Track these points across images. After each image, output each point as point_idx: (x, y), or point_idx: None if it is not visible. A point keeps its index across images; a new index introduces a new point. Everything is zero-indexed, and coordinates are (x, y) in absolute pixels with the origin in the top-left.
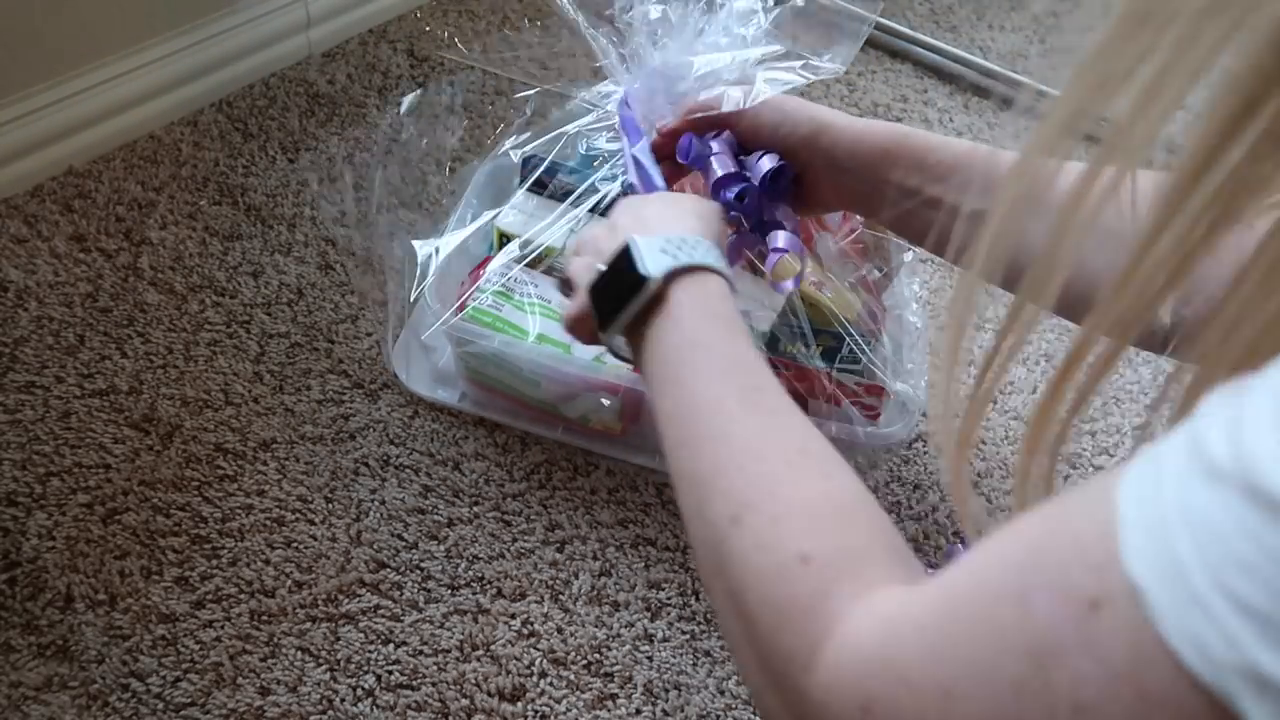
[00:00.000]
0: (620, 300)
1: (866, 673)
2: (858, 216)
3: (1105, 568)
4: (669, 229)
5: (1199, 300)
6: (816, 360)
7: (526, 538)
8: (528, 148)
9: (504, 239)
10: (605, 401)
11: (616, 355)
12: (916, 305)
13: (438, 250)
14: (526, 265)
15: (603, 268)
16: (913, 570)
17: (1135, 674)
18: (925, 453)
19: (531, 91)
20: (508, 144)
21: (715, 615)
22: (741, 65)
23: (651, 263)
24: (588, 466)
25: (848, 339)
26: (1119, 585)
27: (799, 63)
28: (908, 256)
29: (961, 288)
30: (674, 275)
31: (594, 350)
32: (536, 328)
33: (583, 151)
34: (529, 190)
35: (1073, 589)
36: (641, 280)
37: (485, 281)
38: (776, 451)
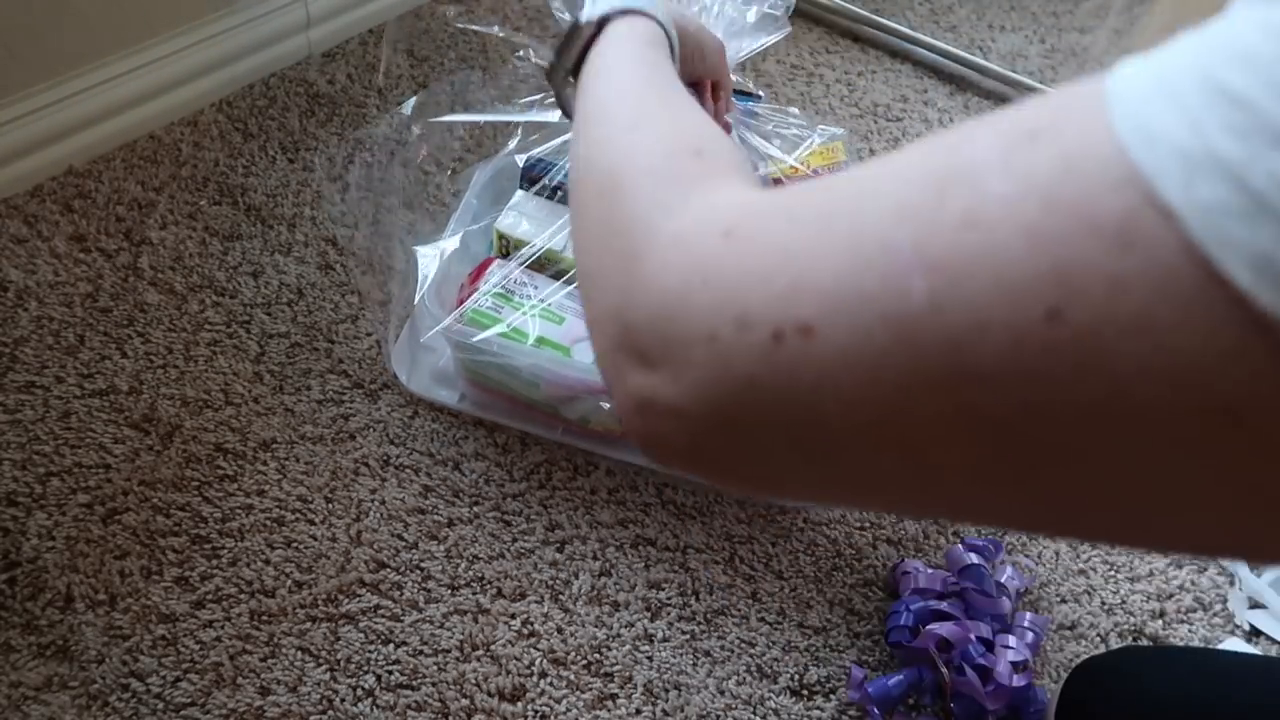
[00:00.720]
0: (564, 52)
1: (743, 207)
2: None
3: (1062, 106)
4: None
5: None
6: None
7: (526, 538)
8: (533, 152)
9: (504, 241)
10: (605, 405)
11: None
12: None
13: (442, 253)
14: (530, 268)
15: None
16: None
17: (1049, 186)
18: None
19: (535, 98)
20: (511, 145)
21: (572, 231)
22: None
23: (592, 6)
24: (588, 466)
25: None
26: (1078, 108)
27: None
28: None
29: None
30: (610, 18)
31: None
32: (536, 330)
33: None
34: (529, 192)
35: (1016, 125)
36: (584, 25)
37: (485, 285)
38: (683, 105)
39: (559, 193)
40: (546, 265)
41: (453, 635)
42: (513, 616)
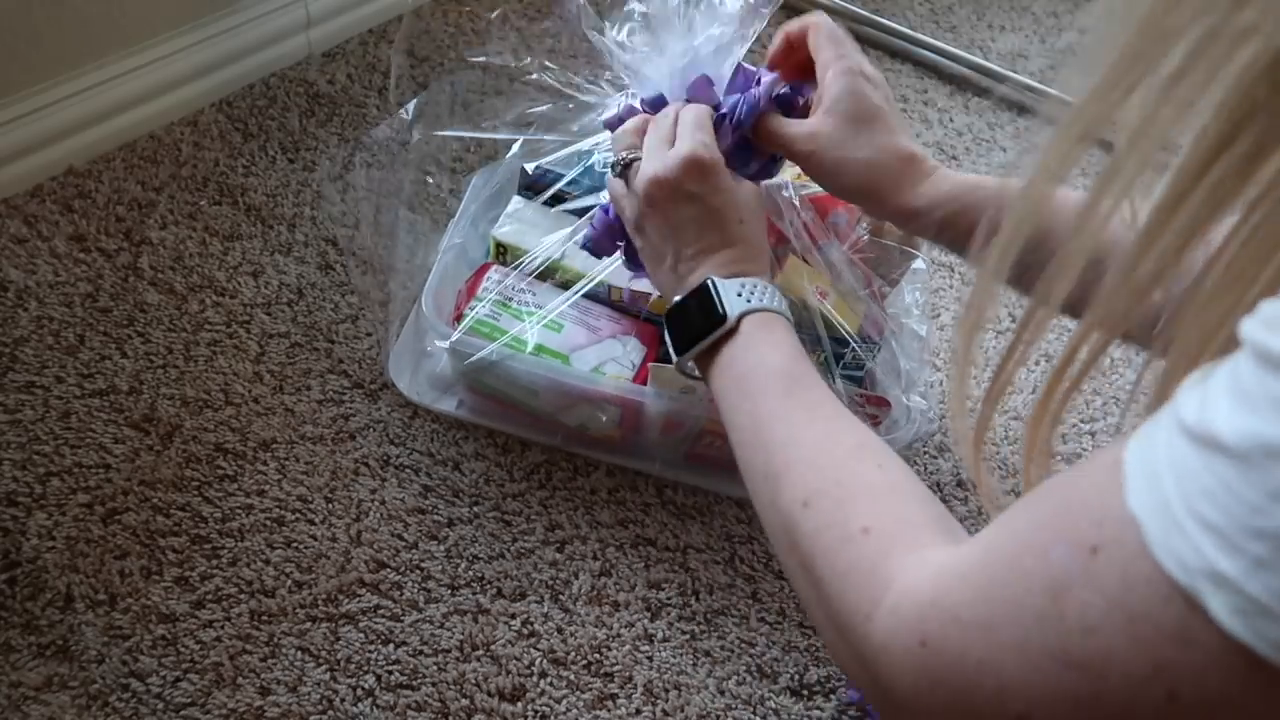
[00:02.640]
0: (696, 330)
1: (921, 615)
2: (861, 224)
3: (1105, 519)
4: (740, 270)
5: (1173, 299)
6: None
7: (526, 538)
8: (534, 162)
9: (500, 249)
10: (604, 417)
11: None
12: (919, 312)
13: (440, 258)
14: (537, 278)
15: (679, 299)
16: (957, 535)
17: (1124, 597)
18: (926, 453)
19: (541, 108)
20: (511, 151)
21: (791, 587)
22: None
23: (729, 304)
24: (587, 467)
25: (852, 346)
26: (1119, 522)
27: None
28: (917, 264)
29: (976, 294)
30: (746, 315)
31: (591, 361)
32: (535, 338)
33: (597, 168)
34: (528, 199)
35: (1079, 538)
36: (720, 318)
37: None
38: (838, 449)
39: (558, 202)
40: (546, 275)
41: (453, 635)
42: (513, 616)
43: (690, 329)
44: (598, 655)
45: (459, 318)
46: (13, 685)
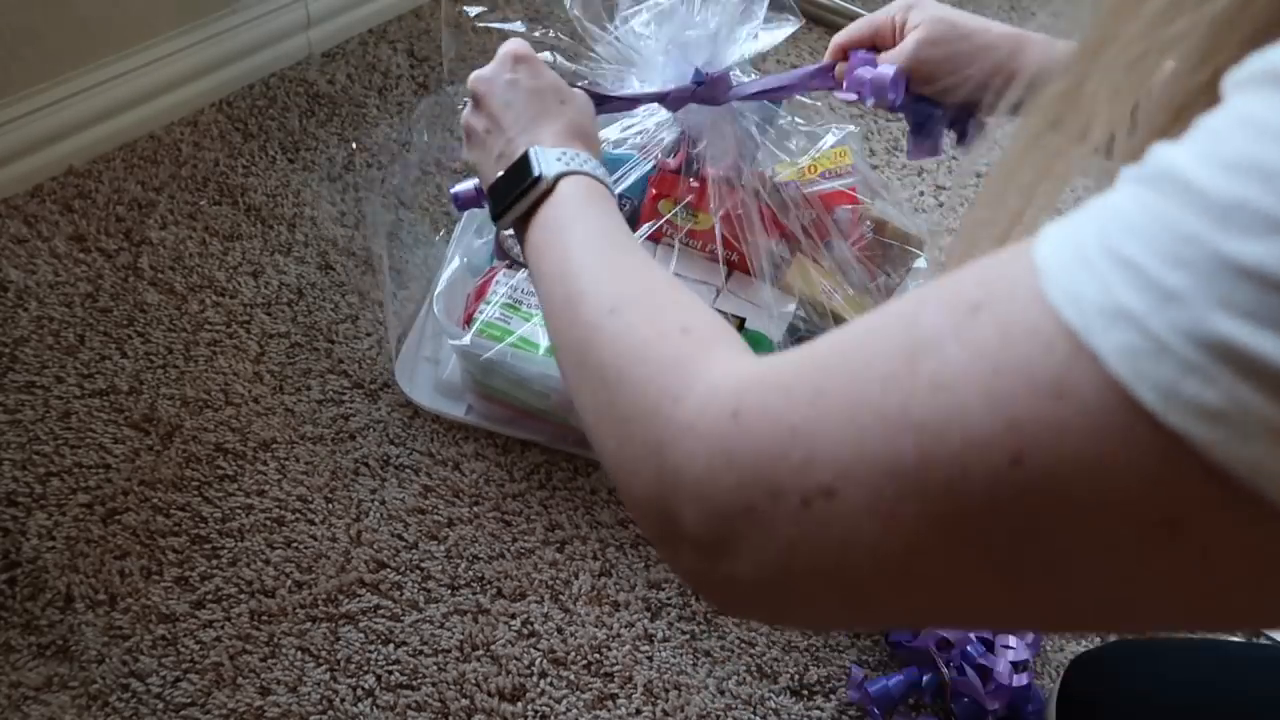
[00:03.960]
0: (512, 195)
1: (742, 386)
2: (867, 222)
3: (998, 278)
4: (565, 142)
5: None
6: None
7: (526, 538)
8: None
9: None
10: None
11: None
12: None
13: (447, 264)
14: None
15: (500, 172)
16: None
17: (996, 350)
18: None
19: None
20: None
21: (577, 409)
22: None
23: (545, 166)
24: (587, 467)
25: None
26: (1013, 277)
27: None
28: (919, 262)
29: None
30: (564, 175)
31: None
32: (545, 340)
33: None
34: None
35: (959, 298)
36: (536, 179)
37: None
38: (651, 276)
39: None
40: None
41: (453, 635)
42: (513, 616)
43: (507, 196)
44: (598, 655)
45: (469, 321)
46: (13, 685)
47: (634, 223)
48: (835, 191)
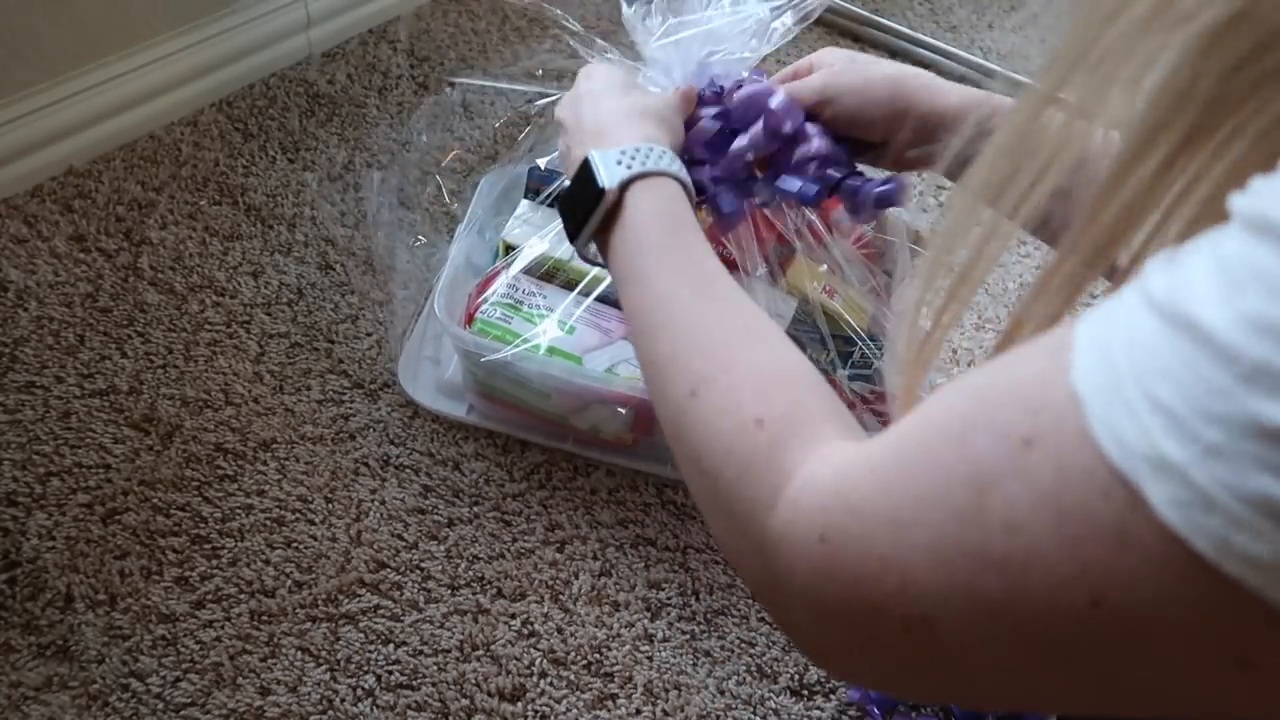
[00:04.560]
0: (583, 212)
1: (822, 506)
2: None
3: (1042, 407)
4: (626, 136)
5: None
6: (824, 367)
7: (526, 538)
8: (538, 161)
9: (509, 251)
10: (622, 410)
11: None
12: (927, 309)
13: (449, 263)
14: (540, 278)
15: (566, 183)
16: (857, 432)
17: (1057, 492)
18: None
19: (546, 100)
20: (524, 148)
21: (685, 480)
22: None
23: (607, 175)
24: (588, 467)
25: (859, 344)
26: (1058, 406)
27: None
28: (920, 262)
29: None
30: (630, 182)
31: (604, 362)
32: (546, 340)
33: None
34: (534, 202)
35: (1010, 428)
36: (599, 193)
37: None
38: (726, 331)
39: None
40: (555, 274)
41: (453, 635)
42: (513, 616)
43: (576, 211)
44: (598, 655)
45: (470, 320)
46: (13, 685)
47: None
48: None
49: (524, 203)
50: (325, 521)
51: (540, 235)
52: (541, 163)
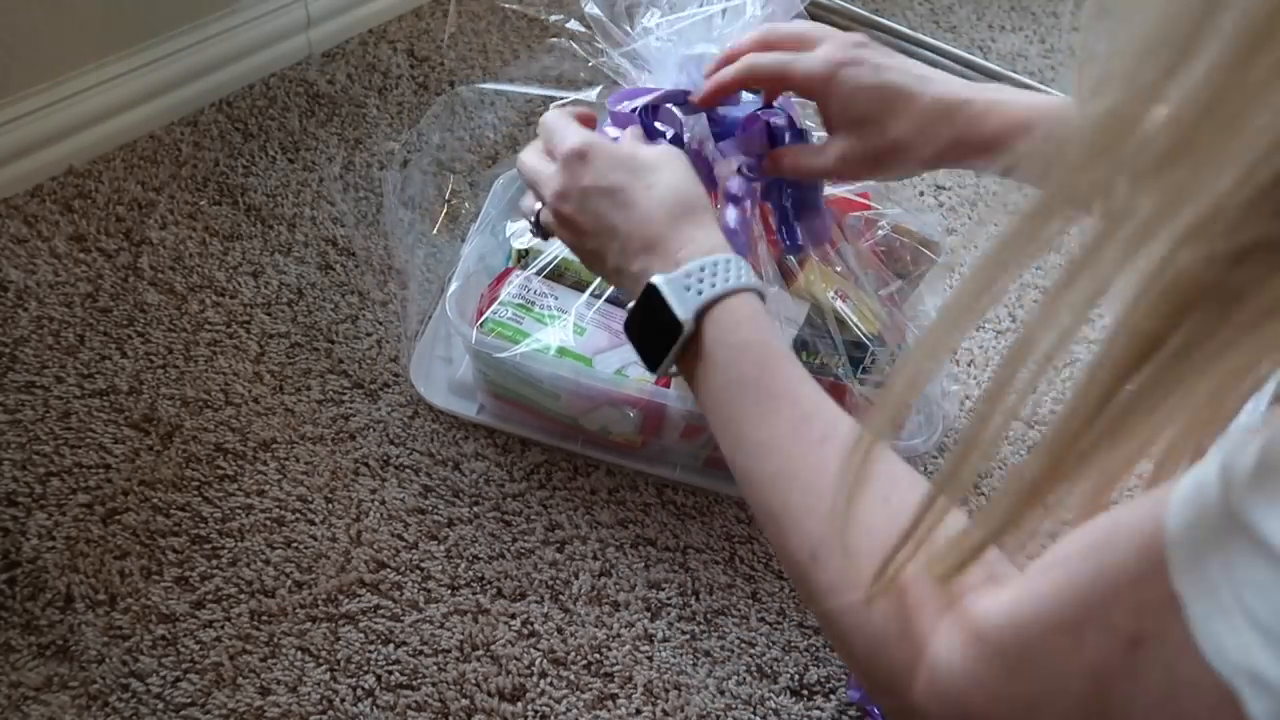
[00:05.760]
0: (659, 342)
1: (960, 693)
2: (882, 222)
3: (1143, 606)
4: (683, 245)
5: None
6: (837, 370)
7: (526, 538)
8: None
9: (521, 253)
10: (630, 413)
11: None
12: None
13: (461, 263)
14: (547, 277)
15: (631, 306)
16: (982, 563)
17: (1169, 696)
18: (927, 453)
19: (563, 100)
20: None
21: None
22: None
23: (679, 305)
24: (588, 467)
25: (871, 349)
26: (1160, 608)
27: None
28: (935, 267)
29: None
30: (704, 309)
31: (615, 364)
32: (557, 341)
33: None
34: None
35: (1117, 626)
36: (675, 325)
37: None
38: (811, 503)
39: None
40: (565, 275)
41: (453, 635)
42: (513, 616)
43: (650, 341)
44: (598, 655)
45: (481, 320)
46: (13, 685)
47: None
48: (847, 200)
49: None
50: (325, 521)
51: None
52: None
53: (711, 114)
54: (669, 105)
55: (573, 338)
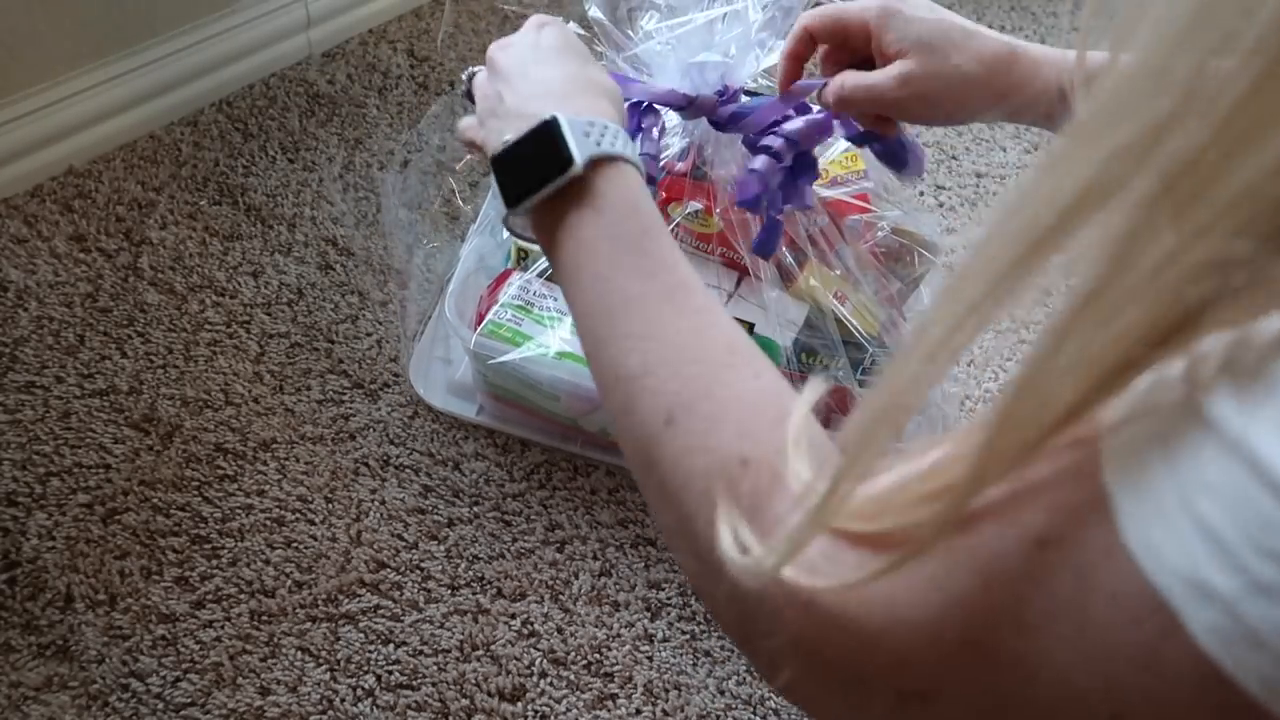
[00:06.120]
0: (532, 177)
1: (808, 570)
2: (881, 224)
3: (1062, 505)
4: (589, 107)
5: None
6: (837, 372)
7: (526, 538)
8: None
9: (521, 254)
10: None
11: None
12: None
13: (460, 264)
14: (547, 279)
15: (511, 138)
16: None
17: (1076, 605)
18: None
19: None
20: None
21: (648, 507)
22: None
23: (577, 146)
24: (588, 467)
25: (870, 351)
26: (1080, 507)
27: None
28: (935, 267)
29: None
30: (597, 161)
31: None
32: (556, 344)
33: None
34: None
35: (1024, 525)
36: (565, 162)
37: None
38: (707, 351)
39: None
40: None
41: (453, 635)
42: (513, 616)
43: (526, 175)
44: (598, 655)
45: (481, 321)
46: (13, 685)
47: None
48: (846, 202)
49: None
50: (325, 521)
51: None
52: None
53: (734, 114)
54: (656, 106)
55: (571, 339)
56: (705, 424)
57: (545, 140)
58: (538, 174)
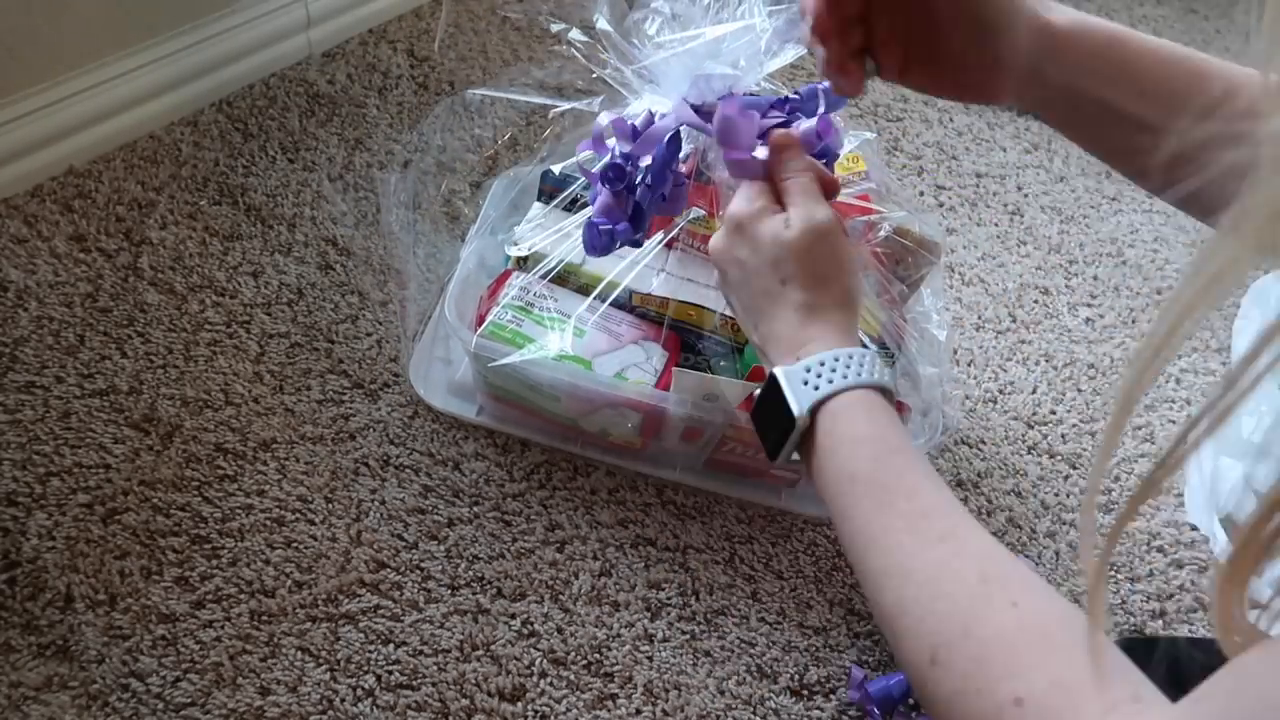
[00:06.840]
0: (776, 431)
1: None
2: (883, 225)
3: None
4: (815, 338)
5: None
6: None
7: (526, 538)
8: (558, 167)
9: (520, 259)
10: (629, 424)
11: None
12: (938, 317)
13: (461, 265)
14: (552, 281)
15: (757, 393)
16: (1113, 683)
17: None
18: (940, 459)
19: (564, 107)
20: (539, 154)
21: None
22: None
23: (795, 399)
24: (588, 467)
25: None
26: None
27: None
28: (936, 268)
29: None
30: (823, 404)
31: (614, 367)
32: (556, 346)
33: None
34: (547, 205)
35: None
36: (790, 418)
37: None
38: (958, 584)
39: (575, 205)
40: (568, 279)
41: (453, 635)
42: (513, 616)
43: (771, 430)
44: (598, 655)
45: (481, 322)
46: (13, 685)
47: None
48: (847, 203)
49: (536, 205)
50: (325, 521)
51: (554, 240)
52: (555, 168)
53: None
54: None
55: (572, 340)
56: (970, 665)
57: (773, 401)
58: (778, 428)
